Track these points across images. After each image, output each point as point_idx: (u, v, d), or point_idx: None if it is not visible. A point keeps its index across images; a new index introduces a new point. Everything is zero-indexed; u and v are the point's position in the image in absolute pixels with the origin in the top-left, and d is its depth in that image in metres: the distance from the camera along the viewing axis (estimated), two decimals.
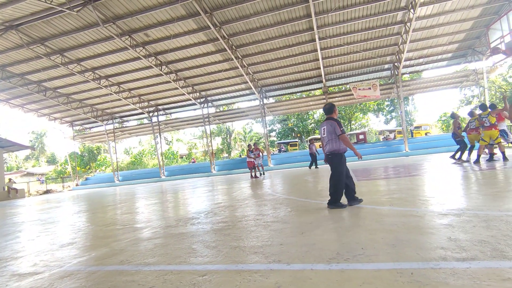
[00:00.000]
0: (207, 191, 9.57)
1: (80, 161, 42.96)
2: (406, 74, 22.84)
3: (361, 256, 2.23)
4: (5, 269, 2.95)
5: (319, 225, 3.31)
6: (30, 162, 58.24)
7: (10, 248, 4.00)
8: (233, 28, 15.73)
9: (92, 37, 15.96)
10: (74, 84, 21.15)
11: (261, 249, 2.67)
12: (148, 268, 2.46)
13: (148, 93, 23.24)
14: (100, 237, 4.12)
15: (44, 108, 24.81)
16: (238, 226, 3.71)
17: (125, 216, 5.95)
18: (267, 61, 19.16)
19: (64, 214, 7.56)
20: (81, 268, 2.67)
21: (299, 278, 1.98)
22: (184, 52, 17.77)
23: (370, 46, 18.02)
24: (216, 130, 47.68)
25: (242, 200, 6.23)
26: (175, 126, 30.67)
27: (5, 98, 22.53)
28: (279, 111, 28.15)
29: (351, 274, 1.95)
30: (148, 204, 7.78)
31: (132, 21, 14.67)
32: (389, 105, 42.35)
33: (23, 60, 17.80)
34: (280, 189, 7.92)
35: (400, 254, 2.21)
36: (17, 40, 15.43)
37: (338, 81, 22.65)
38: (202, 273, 2.23)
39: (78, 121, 28.23)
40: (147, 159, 43.50)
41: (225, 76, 20.76)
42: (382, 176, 8.51)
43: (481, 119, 8.52)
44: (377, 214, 3.60)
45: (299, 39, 17.07)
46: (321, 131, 4.50)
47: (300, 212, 4.25)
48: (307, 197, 5.63)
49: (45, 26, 14.78)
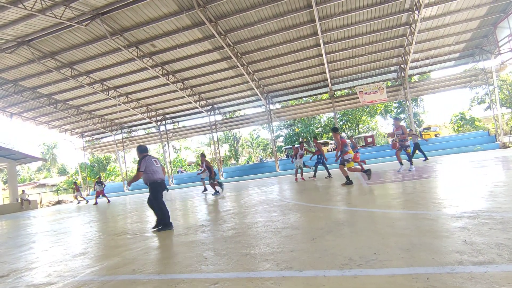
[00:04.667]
0: (216, 198, 9.57)
1: (90, 171, 43.54)
2: (414, 76, 22.62)
3: (374, 262, 2.20)
4: (20, 280, 2.99)
5: (330, 231, 3.27)
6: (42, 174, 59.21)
7: (25, 259, 4.05)
8: (238, 36, 15.89)
9: (100, 50, 16.31)
10: (83, 96, 21.58)
11: (272, 256, 2.65)
12: (160, 277, 2.46)
13: (155, 102, 23.53)
14: (112, 246, 4.15)
15: (55, 120, 25.34)
16: (248, 233, 3.70)
17: (136, 225, 5.99)
18: (272, 67, 19.25)
19: (76, 224, 7.65)
20: (94, 278, 2.69)
21: (311, 285, 1.95)
22: (190, 61, 18.00)
23: (375, 48, 17.96)
24: (223, 137, 47.87)
25: (251, 207, 6.22)
26: (183, 134, 30.91)
27: (17, 112, 23.10)
28: (286, 116, 28.15)
29: (364, 280, 1.92)
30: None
31: (138, 32, 14.95)
32: (397, 107, 41.95)
33: (35, 74, 18.27)
34: (288, 194, 7.87)
35: (415, 258, 2.17)
36: (29, 55, 15.87)
37: (344, 84, 22.57)
38: (214, 281, 2.22)
39: (87, 132, 28.70)
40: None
41: (231, 83, 20.91)
42: (393, 179, 8.40)
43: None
44: (389, 218, 3.54)
45: (304, 44, 17.13)
46: (154, 162, 5.10)
47: (310, 217, 4.22)
48: (317, 203, 5.58)
49: (55, 41, 15.18)
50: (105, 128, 26.92)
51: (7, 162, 22.11)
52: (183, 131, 29.07)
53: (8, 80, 18.71)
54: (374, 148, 24.78)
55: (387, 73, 21.33)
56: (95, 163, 46.05)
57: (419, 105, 41.91)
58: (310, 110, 26.19)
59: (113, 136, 28.09)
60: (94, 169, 45.27)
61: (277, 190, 9.30)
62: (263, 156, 49.17)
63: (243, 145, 49.47)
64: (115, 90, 20.91)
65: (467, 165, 9.26)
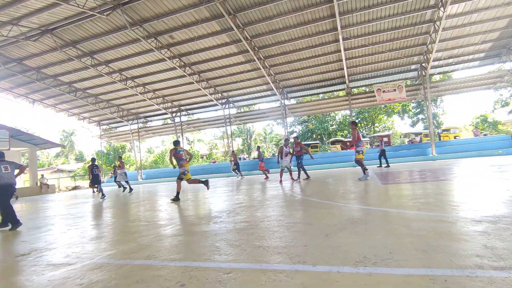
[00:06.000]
0: (228, 191, 9.65)
1: (106, 159, 44.62)
2: (435, 75, 21.95)
3: (390, 261, 2.16)
4: (41, 259, 3.11)
5: (343, 228, 3.24)
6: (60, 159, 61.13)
7: (44, 239, 4.21)
8: (256, 29, 15.81)
9: (120, 40, 16.57)
10: (102, 85, 22.04)
11: (285, 249, 2.65)
12: (173, 264, 2.51)
13: (171, 94, 23.80)
14: (127, 232, 4.25)
15: (74, 108, 26.04)
16: (261, 226, 3.71)
17: (149, 213, 6.11)
18: (289, 62, 19.08)
19: (92, 210, 7.88)
20: (110, 261, 2.77)
21: (325, 280, 1.94)
22: (207, 53, 18.06)
23: (396, 46, 17.51)
24: (236, 131, 48.02)
25: (263, 201, 6.23)
26: (197, 127, 31.20)
27: (39, 98, 23.85)
28: (301, 112, 27.93)
29: (380, 279, 1.89)
30: (171, 202, 7.94)
31: (158, 23, 15.09)
32: (415, 107, 40.90)
33: (56, 62, 18.77)
34: (300, 190, 7.84)
35: (432, 260, 2.12)
36: (52, 43, 16.29)
37: (362, 82, 22.15)
38: (227, 270, 2.24)
39: (105, 121, 29.36)
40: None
41: (247, 77, 20.88)
42: (408, 180, 8.23)
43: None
44: (404, 219, 3.48)
45: (322, 40, 16.88)
46: (2, 168, 5.63)
47: (323, 214, 4.19)
48: (330, 199, 5.54)
49: (77, 30, 15.51)
50: (122, 118, 27.47)
51: (28, 147, 22.92)
52: (198, 123, 29.33)
53: (32, 67, 19.31)
54: (389, 148, 24.31)
55: (407, 72, 20.79)
56: (111, 151, 47.15)
57: (439, 105, 40.71)
58: (326, 106, 25.89)
59: (129, 125, 28.65)
60: (110, 157, 46.35)
61: (289, 186, 9.28)
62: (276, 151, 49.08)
63: (256, 139, 49.49)
64: (133, 80, 21.25)
65: (486, 169, 8.96)
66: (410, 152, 21.21)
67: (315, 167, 21.18)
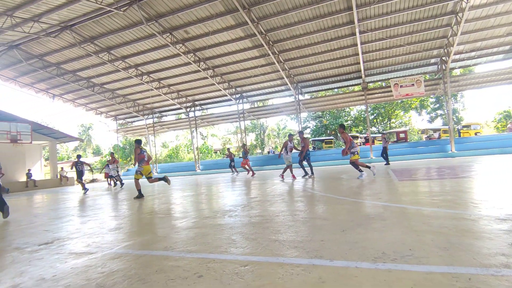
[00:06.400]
0: (242, 185, 9.69)
1: (122, 153, 45.64)
2: (456, 69, 21.22)
3: (410, 258, 2.11)
4: (63, 247, 3.21)
5: (360, 224, 3.19)
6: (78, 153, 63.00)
7: (66, 229, 4.35)
8: (271, 23, 15.68)
9: (136, 35, 16.80)
10: (118, 80, 22.46)
11: (301, 244, 2.64)
12: (191, 255, 2.54)
13: (186, 88, 24.01)
14: (144, 224, 4.34)
15: (92, 103, 26.69)
16: (276, 221, 3.70)
17: (165, 206, 6.22)
18: (304, 56, 18.86)
19: (109, 202, 8.08)
20: (129, 251, 2.83)
21: (343, 275, 1.92)
22: (221, 48, 18.08)
23: (415, 39, 16.99)
24: (250, 126, 48.06)
25: (277, 196, 6.22)
26: (211, 121, 31.41)
27: (59, 93, 24.57)
28: (315, 107, 27.65)
29: (399, 275, 1.86)
30: (186, 195, 8.05)
31: (173, 18, 15.20)
32: (434, 102, 39.73)
33: (75, 58, 19.24)
34: (316, 186, 7.78)
35: (454, 258, 2.06)
36: (71, 39, 16.69)
37: (379, 76, 21.66)
38: (244, 263, 2.25)
39: (121, 115, 29.98)
40: (183, 153, 45.12)
41: (261, 71, 20.79)
42: (426, 177, 8.03)
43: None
44: (423, 216, 3.39)
45: (339, 33, 16.57)
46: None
47: (338, 210, 4.14)
48: (345, 196, 5.47)
49: (95, 26, 15.82)
50: (138, 112, 27.96)
51: (48, 141, 23.70)
52: (211, 118, 29.53)
53: (52, 63, 19.87)
54: (406, 144, 23.79)
55: (426, 66, 20.17)
56: (126, 145, 48.16)
57: (459, 101, 39.40)
58: (340, 101, 25.53)
59: (144, 120, 29.16)
60: (126, 151, 47.37)
61: (303, 181, 9.23)
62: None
63: (269, 135, 49.42)
64: (148, 75, 21.55)
65: (509, 167, 8.63)
66: (428, 148, 20.69)
67: (329, 163, 21.00)
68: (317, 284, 1.81)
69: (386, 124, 41.41)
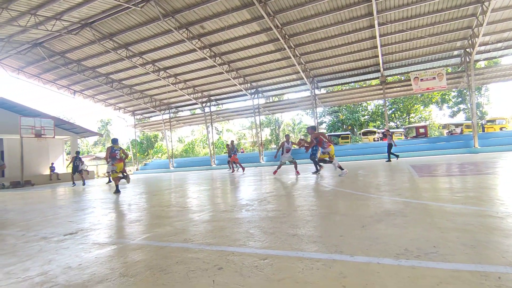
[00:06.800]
0: (258, 180, 9.71)
1: (140, 148, 46.64)
2: (481, 61, 20.33)
3: (434, 255, 2.05)
4: (87, 238, 3.32)
5: (380, 220, 3.13)
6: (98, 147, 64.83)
7: (88, 220, 4.50)
8: (287, 16, 15.49)
9: (153, 31, 17.01)
10: (136, 76, 22.88)
11: (320, 238, 2.61)
12: (210, 248, 2.56)
13: (201, 84, 24.18)
14: (163, 216, 4.42)
15: (111, 99, 27.34)
16: (294, 215, 3.69)
17: (183, 199, 6.31)
18: (320, 50, 18.56)
19: (129, 195, 8.28)
20: (150, 243, 2.89)
21: (364, 270, 1.89)
22: (237, 43, 18.04)
23: (437, 30, 16.36)
24: (265, 121, 47.97)
25: (294, 190, 6.19)
26: (226, 117, 31.53)
27: (80, 89, 25.30)
28: (331, 102, 27.24)
29: (424, 272, 1.81)
30: (202, 189, 8.15)
31: (189, 14, 15.27)
32: (456, 96, 38.32)
33: (95, 55, 19.72)
34: (332, 181, 7.69)
35: (482, 256, 1.99)
36: (90, 36, 17.10)
37: (398, 70, 21.05)
38: (263, 256, 2.25)
39: (138, 111, 30.56)
40: (199, 148, 45.63)
41: (277, 66, 20.64)
42: (448, 173, 7.78)
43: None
44: (447, 212, 3.29)
45: (356, 26, 16.18)
46: None
47: (357, 205, 4.08)
48: (363, 191, 5.38)
49: (114, 23, 16.13)
50: (154, 108, 28.43)
51: (70, 135, 24.49)
52: (227, 113, 29.64)
53: (73, 60, 20.45)
54: (426, 140, 23.11)
55: (448, 58, 19.41)
56: (144, 140, 49.18)
57: (483, 94, 37.83)
58: (358, 96, 25.02)
59: (161, 115, 29.61)
60: (143, 146, 48.39)
61: (319, 176, 9.14)
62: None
63: (284, 130, 49.17)
64: (165, 71, 21.82)
65: None
66: (450, 144, 20.01)
67: (346, 158, 20.70)
68: (339, 279, 1.79)
69: (404, 119, 40.34)
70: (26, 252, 2.92)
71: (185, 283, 1.88)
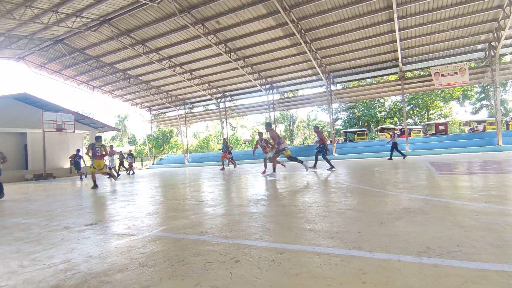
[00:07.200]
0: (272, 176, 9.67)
1: (156, 143, 47.44)
2: (506, 55, 19.44)
3: (458, 253, 1.98)
4: (107, 229, 3.41)
5: (399, 217, 3.06)
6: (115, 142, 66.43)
7: (108, 212, 4.62)
8: (303, 11, 15.29)
9: (169, 27, 17.17)
10: (152, 72, 23.21)
11: (338, 234, 2.58)
12: (226, 241, 2.58)
13: (216, 79, 24.28)
14: (179, 209, 4.48)
15: (128, 94, 27.89)
16: (309, 211, 3.65)
17: (198, 193, 6.38)
18: (337, 44, 18.23)
19: (146, 188, 8.46)
20: (167, 235, 2.94)
21: (385, 267, 1.84)
22: (252, 38, 17.98)
23: (460, 23, 15.75)
24: (279, 117, 47.76)
25: (310, 186, 6.14)
26: (240, 112, 31.60)
27: (98, 85, 25.92)
28: (347, 98, 26.78)
29: (447, 271, 1.75)
30: (217, 184, 8.21)
31: (205, 9, 15.31)
32: (479, 92, 36.88)
33: (113, 51, 20.12)
34: (348, 178, 7.58)
35: (509, 255, 1.90)
36: (109, 33, 17.44)
37: (418, 65, 20.42)
38: (280, 251, 2.24)
39: (155, 106, 31.06)
40: (213, 143, 45.98)
41: (292, 61, 20.45)
42: (470, 171, 7.52)
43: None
44: (470, 211, 3.17)
45: (375, 20, 15.79)
46: None
47: (375, 202, 4.00)
48: (382, 188, 5.27)
49: (131, 19, 16.38)
50: (170, 103, 28.81)
51: (89, 130, 25.20)
52: (241, 109, 29.68)
53: (92, 56, 20.94)
54: (446, 137, 22.42)
55: (471, 52, 18.66)
56: (159, 135, 49.98)
57: (508, 90, 36.24)
58: (375, 92, 24.47)
59: (176, 111, 29.99)
60: (159, 141, 49.19)
61: (335, 173, 9.03)
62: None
63: (299, 126, 48.83)
64: (181, 66, 22.03)
65: None
66: (472, 142, 19.34)
67: (362, 155, 20.38)
68: (358, 275, 1.75)
69: (423, 116, 39.22)
70: (50, 240, 3.02)
71: (203, 274, 1.90)
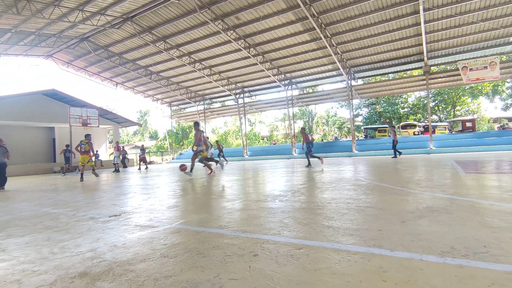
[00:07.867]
0: (290, 172, 9.66)
1: (175, 138, 48.35)
2: None
3: (484, 255, 1.91)
4: (130, 220, 3.53)
5: (422, 216, 2.97)
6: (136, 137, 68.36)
7: (130, 204, 4.78)
8: (323, 4, 15.01)
9: (189, 23, 17.37)
10: (173, 68, 23.60)
11: (357, 232, 2.54)
12: (245, 235, 2.60)
13: (235, 75, 24.36)
14: (199, 203, 4.57)
15: (149, 90, 28.53)
16: (329, 208, 3.62)
17: (217, 188, 6.47)
18: (358, 38, 17.79)
19: (166, 182, 8.66)
20: (188, 227, 3.00)
21: (407, 266, 1.80)
22: (271, 33, 17.87)
23: (491, 15, 14.94)
24: (298, 113, 47.36)
25: (328, 183, 6.08)
26: (259, 108, 31.60)
27: (121, 81, 26.68)
28: (368, 93, 26.13)
29: (474, 272, 1.69)
30: (235, 179, 8.28)
31: (224, 5, 15.35)
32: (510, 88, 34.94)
33: (135, 48, 20.61)
34: (368, 175, 7.43)
35: None
36: (132, 30, 17.87)
37: (444, 59, 19.57)
38: (298, 246, 2.24)
39: (175, 102, 31.61)
40: (231, 139, 46.30)
41: (312, 56, 20.17)
42: (499, 170, 7.17)
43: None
44: (498, 211, 3.03)
45: (399, 12, 15.27)
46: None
47: (396, 200, 3.90)
48: (403, 186, 5.13)
49: (153, 16, 16.69)
50: (190, 99, 29.23)
51: (112, 125, 26.02)
52: (260, 104, 29.67)
53: (115, 53, 21.55)
54: (473, 135, 21.46)
55: (503, 45, 17.65)
56: (179, 130, 50.88)
57: None
58: (397, 87, 23.75)
59: (196, 106, 30.41)
60: (179, 136, 50.10)
61: (354, 170, 8.88)
62: (338, 135, 47.23)
63: (317, 122, 48.26)
64: (200, 62, 22.27)
65: None
66: (501, 139, 18.40)
67: (383, 152, 19.89)
68: (378, 273, 1.73)
69: (449, 112, 37.67)
70: (77, 230, 3.17)
71: (222, 266, 1.93)
